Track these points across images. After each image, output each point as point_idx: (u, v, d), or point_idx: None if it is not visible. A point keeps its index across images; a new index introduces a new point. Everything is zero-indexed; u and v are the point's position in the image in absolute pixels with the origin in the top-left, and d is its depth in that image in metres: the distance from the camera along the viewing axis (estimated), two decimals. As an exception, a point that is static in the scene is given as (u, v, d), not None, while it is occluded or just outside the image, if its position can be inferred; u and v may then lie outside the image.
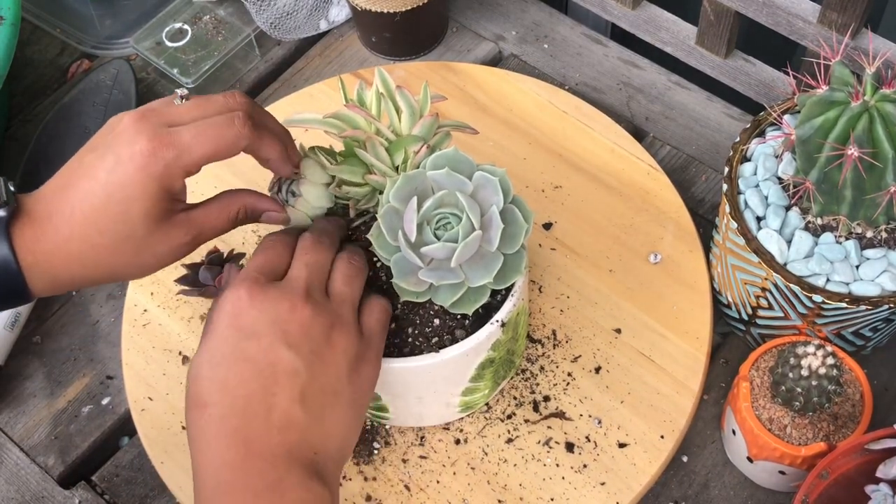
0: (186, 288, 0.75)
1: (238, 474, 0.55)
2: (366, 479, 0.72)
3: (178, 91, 0.60)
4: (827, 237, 0.67)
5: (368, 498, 0.71)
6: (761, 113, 0.73)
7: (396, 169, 0.66)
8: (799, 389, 0.64)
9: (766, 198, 0.69)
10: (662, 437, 0.72)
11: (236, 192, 0.63)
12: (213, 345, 0.58)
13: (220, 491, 0.55)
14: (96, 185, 0.57)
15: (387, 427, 0.74)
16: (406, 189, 0.62)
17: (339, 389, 0.58)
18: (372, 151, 0.65)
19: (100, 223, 0.57)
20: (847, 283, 0.67)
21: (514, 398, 0.74)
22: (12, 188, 0.58)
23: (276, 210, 0.65)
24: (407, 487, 0.72)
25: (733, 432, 0.70)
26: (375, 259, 0.68)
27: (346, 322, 0.59)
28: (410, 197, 0.61)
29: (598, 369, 0.75)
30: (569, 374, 0.75)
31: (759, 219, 0.69)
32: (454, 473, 0.72)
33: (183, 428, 0.75)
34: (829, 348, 0.64)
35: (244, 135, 0.59)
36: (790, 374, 0.64)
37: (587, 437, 0.73)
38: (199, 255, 0.71)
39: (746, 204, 0.69)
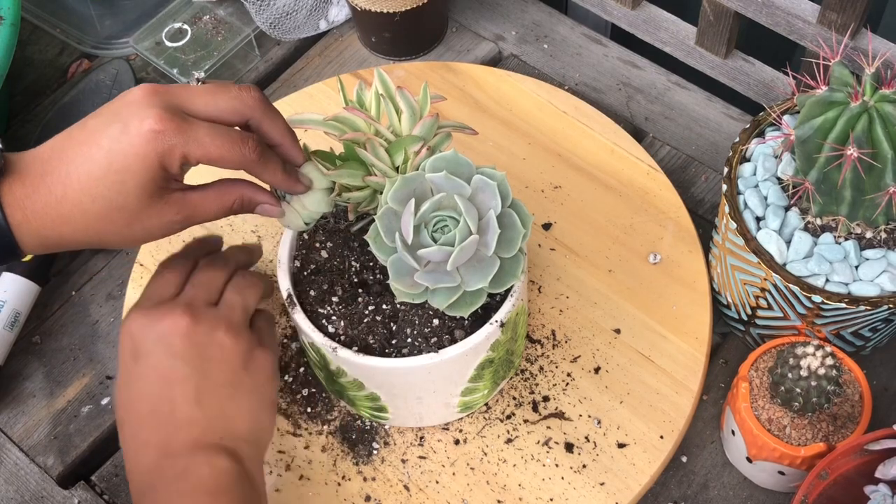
0: None
1: (154, 475, 0.58)
2: (365, 479, 0.72)
3: (196, 73, 0.61)
4: (826, 237, 0.67)
5: (368, 498, 0.71)
6: (761, 113, 0.73)
7: (397, 170, 0.66)
8: (798, 390, 0.64)
9: (766, 198, 0.69)
10: (662, 437, 0.72)
11: (235, 182, 0.64)
12: (120, 372, 0.62)
13: (142, 493, 0.59)
14: (97, 150, 0.57)
15: (386, 427, 0.74)
16: (404, 191, 0.62)
17: (235, 381, 0.62)
18: (372, 152, 0.65)
19: (94, 190, 0.57)
20: (846, 284, 0.67)
21: (514, 398, 0.74)
22: (0, 146, 0.59)
23: (271, 203, 0.65)
24: (406, 488, 0.72)
25: (732, 433, 0.70)
26: (372, 262, 0.69)
27: (232, 323, 0.63)
28: (409, 199, 0.61)
29: (597, 369, 0.75)
30: (568, 375, 0.75)
31: (758, 219, 0.69)
32: (453, 474, 0.72)
33: (182, 428, 0.75)
34: (829, 349, 0.64)
35: (250, 159, 0.60)
36: (789, 375, 0.64)
37: (586, 438, 0.73)
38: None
39: (746, 204, 0.69)
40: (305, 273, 0.69)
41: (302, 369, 0.76)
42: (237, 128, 0.61)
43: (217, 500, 0.57)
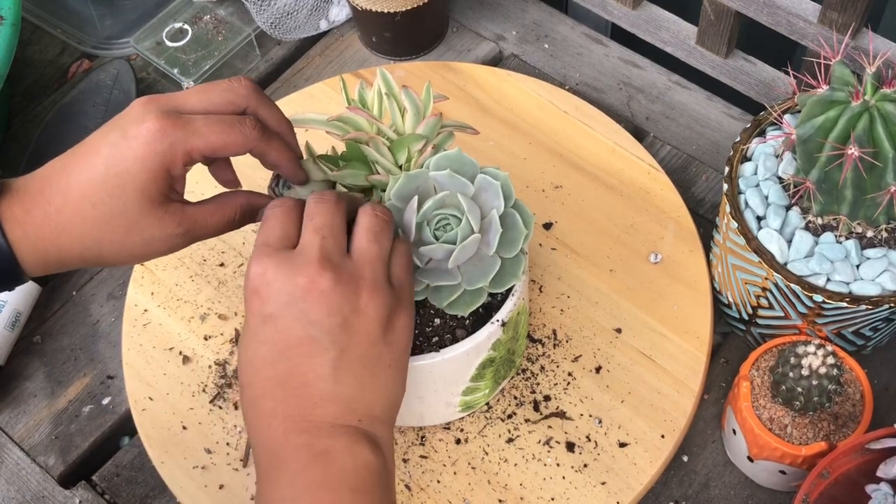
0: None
1: (285, 449, 0.54)
2: (366, 478, 0.72)
3: (185, 84, 0.61)
4: (827, 237, 0.67)
5: (369, 498, 0.71)
6: (762, 112, 0.73)
7: (400, 168, 0.66)
8: (799, 389, 0.64)
9: (767, 197, 0.69)
10: (663, 436, 0.72)
11: (235, 193, 0.63)
12: (245, 327, 0.57)
13: (273, 465, 0.55)
14: (97, 158, 0.57)
15: (387, 427, 0.74)
16: (408, 188, 0.62)
17: (374, 354, 0.56)
18: (375, 151, 0.65)
19: (94, 195, 0.57)
20: (847, 283, 0.67)
21: (515, 398, 0.74)
22: None
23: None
24: (407, 487, 0.72)
25: (734, 432, 0.70)
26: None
27: (375, 283, 0.56)
28: (412, 196, 0.61)
29: (598, 369, 0.75)
30: (569, 374, 0.75)
31: (759, 218, 0.69)
32: (455, 473, 0.72)
33: (184, 428, 0.75)
34: (830, 348, 0.64)
35: (253, 137, 0.59)
36: (791, 374, 0.64)
37: (588, 437, 0.73)
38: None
39: (747, 203, 0.69)
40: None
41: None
42: None
43: (360, 500, 0.54)
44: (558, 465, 0.72)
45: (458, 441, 0.73)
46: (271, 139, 0.60)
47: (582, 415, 0.74)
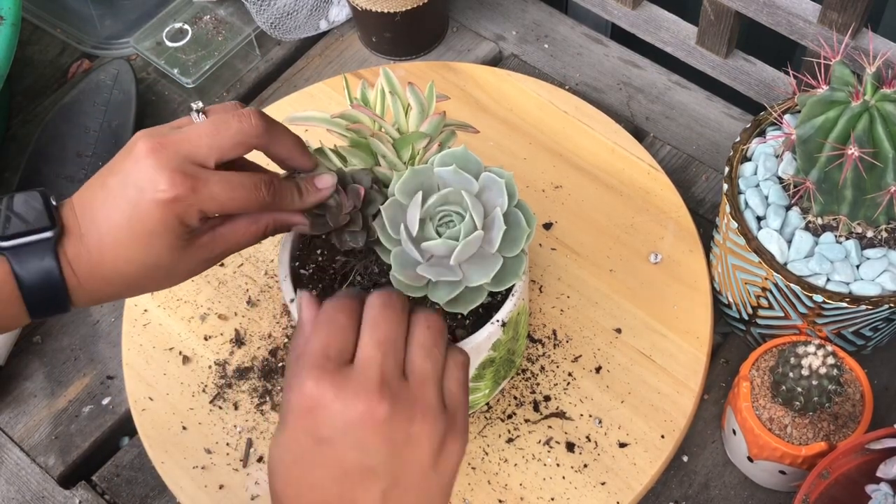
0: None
1: None
2: (366, 478, 0.72)
3: (194, 106, 0.60)
4: (827, 237, 0.67)
5: (369, 498, 0.71)
6: (762, 113, 0.73)
7: (405, 164, 0.66)
8: (799, 389, 0.64)
9: (767, 197, 0.69)
10: (663, 436, 0.72)
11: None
12: (287, 441, 0.55)
13: None
14: (119, 217, 0.58)
15: (387, 427, 0.74)
16: (412, 183, 0.62)
17: (423, 483, 0.55)
18: (378, 149, 0.65)
19: (126, 255, 0.58)
20: (847, 283, 0.67)
21: (515, 398, 0.74)
22: (54, 202, 0.59)
23: (303, 223, 0.65)
24: (407, 487, 0.72)
25: (734, 432, 0.70)
26: (375, 261, 0.68)
27: (428, 408, 0.55)
28: (416, 191, 0.61)
29: (598, 369, 0.75)
30: (569, 374, 0.75)
31: (759, 218, 0.69)
32: (455, 473, 0.72)
33: (184, 428, 0.75)
34: (830, 348, 0.64)
35: (266, 202, 0.60)
36: (791, 374, 0.64)
37: (587, 437, 0.73)
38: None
39: (747, 204, 0.69)
40: (306, 272, 0.69)
41: (303, 369, 0.76)
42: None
43: None
44: (558, 465, 0.72)
45: (458, 441, 0.73)
46: (283, 198, 0.62)
47: (582, 415, 0.74)
